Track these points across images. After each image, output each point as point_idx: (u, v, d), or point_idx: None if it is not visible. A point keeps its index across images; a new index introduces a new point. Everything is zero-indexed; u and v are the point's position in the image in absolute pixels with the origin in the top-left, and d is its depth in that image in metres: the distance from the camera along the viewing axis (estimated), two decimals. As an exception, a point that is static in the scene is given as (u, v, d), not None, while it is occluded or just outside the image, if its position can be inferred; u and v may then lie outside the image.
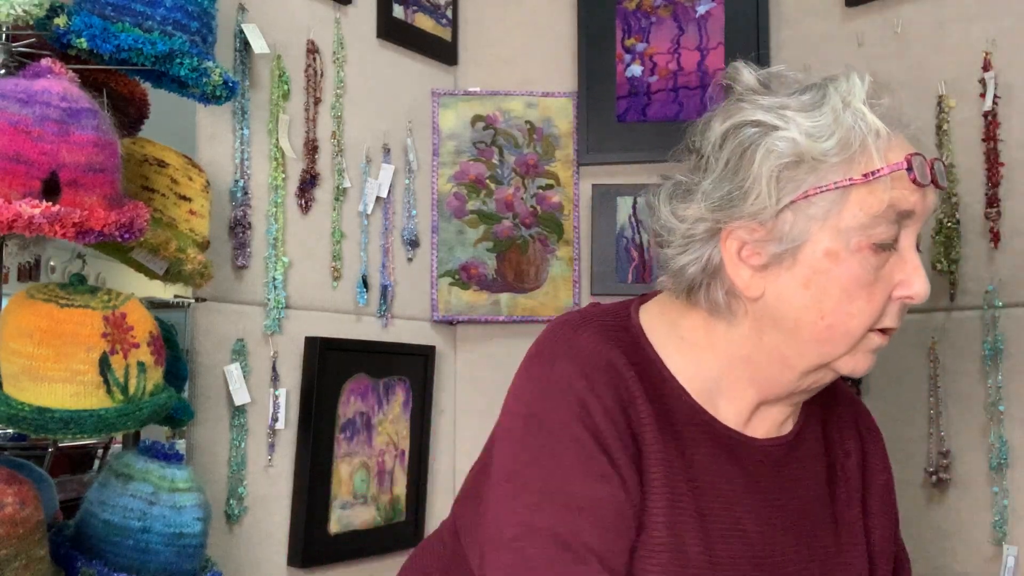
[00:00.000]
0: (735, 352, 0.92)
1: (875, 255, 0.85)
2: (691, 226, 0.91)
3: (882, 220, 0.84)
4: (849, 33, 1.82)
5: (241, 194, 1.55)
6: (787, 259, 0.87)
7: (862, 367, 0.89)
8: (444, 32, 2.00)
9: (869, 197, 0.84)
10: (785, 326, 0.88)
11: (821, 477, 0.98)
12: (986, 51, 1.62)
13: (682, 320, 0.95)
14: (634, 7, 2.00)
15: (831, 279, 0.85)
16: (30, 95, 0.99)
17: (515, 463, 0.88)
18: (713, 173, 0.90)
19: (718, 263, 0.90)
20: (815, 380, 0.92)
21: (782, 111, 0.87)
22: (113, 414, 1.08)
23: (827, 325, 0.86)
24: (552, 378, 0.90)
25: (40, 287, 1.10)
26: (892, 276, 0.86)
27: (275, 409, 1.58)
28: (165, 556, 1.16)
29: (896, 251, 0.86)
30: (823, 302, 0.86)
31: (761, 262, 0.88)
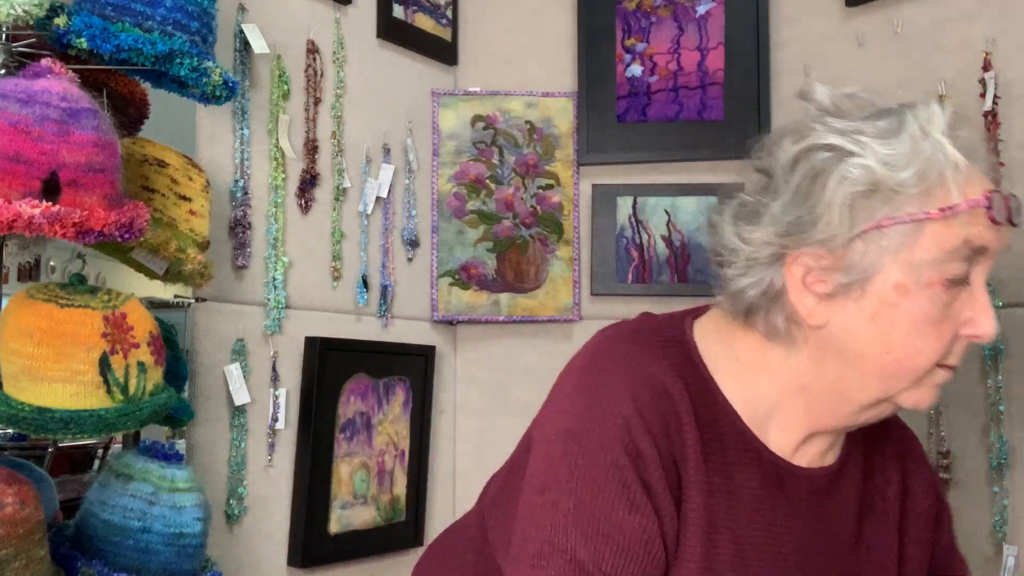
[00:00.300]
0: (793, 380, 0.90)
1: (946, 291, 0.83)
2: (756, 249, 0.87)
3: (956, 256, 0.82)
4: (849, 33, 1.82)
5: (241, 194, 1.55)
6: (855, 290, 0.84)
7: (926, 401, 0.87)
8: (444, 32, 2.00)
9: (944, 232, 0.82)
10: (848, 357, 0.86)
11: (856, 505, 0.96)
12: (986, 51, 1.62)
13: (737, 341, 0.92)
14: (634, 7, 2.00)
15: (900, 313, 0.83)
16: (30, 95, 0.99)
17: (549, 477, 0.86)
18: (783, 196, 0.86)
19: (780, 288, 0.87)
20: (876, 413, 0.89)
21: (857, 136, 0.84)
22: (113, 414, 1.08)
23: (893, 359, 0.84)
24: (599, 395, 0.87)
25: (40, 287, 1.10)
26: (961, 313, 0.84)
27: (275, 409, 1.58)
28: (165, 556, 1.16)
29: (967, 287, 0.84)
30: (890, 336, 0.84)
31: (827, 290, 0.85)
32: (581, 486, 0.83)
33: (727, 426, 0.89)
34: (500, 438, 1.99)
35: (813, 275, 0.85)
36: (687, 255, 1.95)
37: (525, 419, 2.15)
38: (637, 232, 1.96)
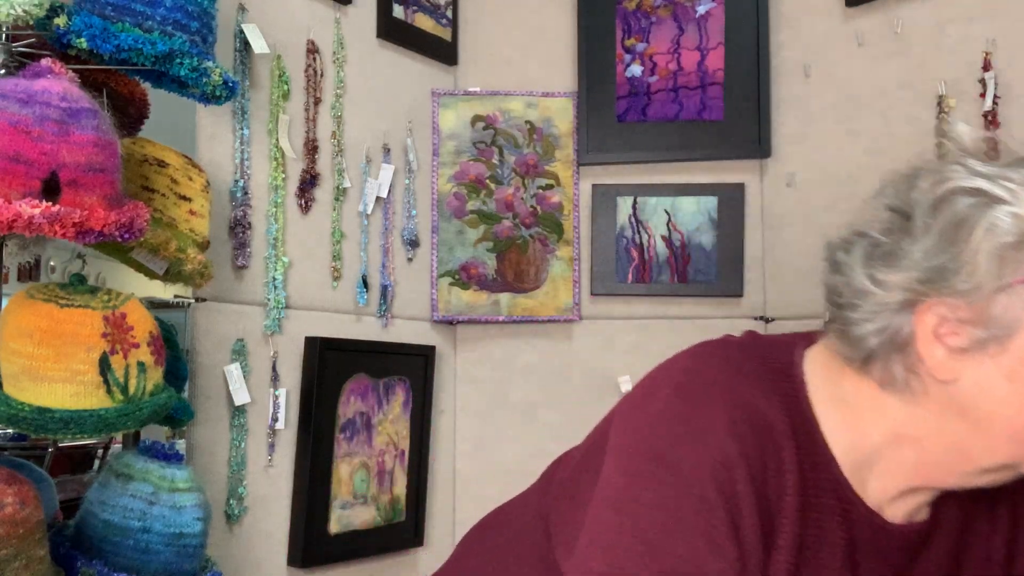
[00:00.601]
0: (906, 432, 0.84)
1: None
2: (889, 294, 0.82)
3: None
4: (849, 33, 1.82)
5: (241, 194, 1.55)
6: (993, 346, 0.78)
7: None
8: (444, 32, 2.00)
9: None
10: (975, 416, 0.80)
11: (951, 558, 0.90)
12: (986, 51, 1.62)
13: (846, 381, 0.86)
14: (634, 7, 2.00)
15: None
16: (30, 95, 0.99)
17: (629, 496, 0.80)
18: (925, 241, 0.80)
19: (908, 337, 0.81)
20: (996, 478, 0.83)
21: (1005, 182, 0.78)
22: (113, 414, 1.08)
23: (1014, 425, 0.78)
24: (698, 425, 0.81)
25: (40, 287, 1.10)
26: None
27: (275, 409, 1.58)
28: (165, 556, 1.16)
29: None
30: None
31: (961, 344, 0.79)
32: (663, 515, 0.77)
33: (824, 472, 0.83)
34: (500, 438, 2.00)
35: (948, 327, 0.79)
36: (687, 255, 1.95)
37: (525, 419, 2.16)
38: (637, 232, 1.97)
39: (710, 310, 1.94)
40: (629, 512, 0.79)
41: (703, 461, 0.78)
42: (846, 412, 0.85)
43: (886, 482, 0.85)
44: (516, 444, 1.95)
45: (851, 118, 1.81)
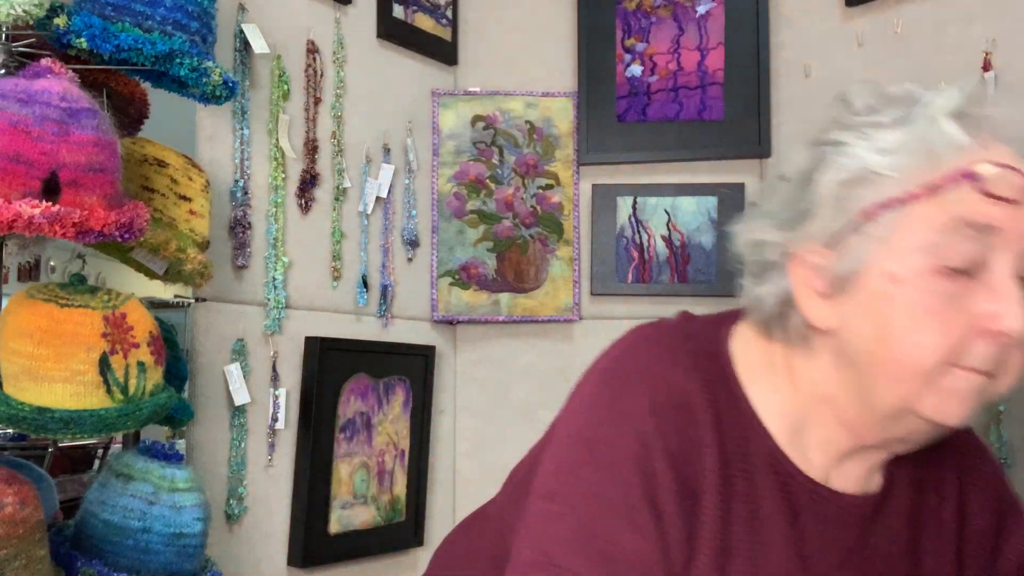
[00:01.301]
0: (819, 391, 0.83)
1: (948, 279, 0.74)
2: (759, 249, 0.84)
3: (954, 238, 0.74)
4: (849, 33, 1.82)
5: (241, 194, 1.55)
6: (851, 285, 0.78)
7: (949, 411, 0.76)
8: (444, 32, 2.00)
9: (936, 212, 0.75)
10: (859, 361, 0.79)
11: (908, 531, 0.88)
12: (986, 51, 1.62)
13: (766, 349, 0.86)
14: (634, 7, 2.00)
15: (894, 306, 0.76)
16: (30, 95, 0.99)
17: (557, 484, 0.82)
18: (784, 193, 0.83)
19: (791, 292, 0.82)
20: (907, 429, 0.80)
21: (866, 129, 0.79)
22: (113, 414, 1.08)
23: (892, 358, 0.76)
24: (618, 407, 0.82)
25: (40, 287, 1.10)
26: (977, 306, 0.74)
27: (275, 409, 1.58)
28: (165, 556, 1.16)
29: (985, 277, 0.75)
30: (887, 331, 0.76)
31: (824, 288, 0.80)
32: (587, 501, 0.79)
33: (757, 447, 0.83)
34: (500, 438, 2.00)
35: (814, 275, 0.80)
36: (687, 255, 1.95)
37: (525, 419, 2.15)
38: (637, 232, 1.97)
39: (710, 310, 1.93)
40: (558, 499, 0.80)
41: (622, 442, 0.79)
42: (774, 380, 0.85)
43: (823, 448, 0.84)
44: (516, 444, 1.93)
45: (851, 118, 1.81)
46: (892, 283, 0.76)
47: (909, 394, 0.77)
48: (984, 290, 0.75)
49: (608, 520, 0.78)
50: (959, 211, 0.74)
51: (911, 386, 0.76)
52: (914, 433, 0.81)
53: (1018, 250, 0.75)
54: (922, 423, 0.78)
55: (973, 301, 0.74)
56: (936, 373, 0.75)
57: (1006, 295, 0.74)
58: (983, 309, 0.74)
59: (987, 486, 0.92)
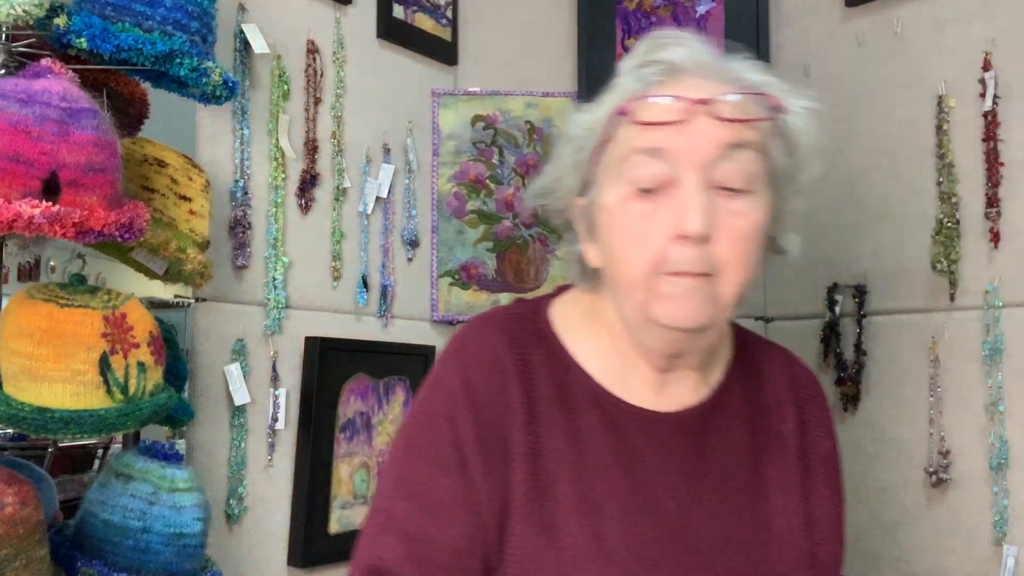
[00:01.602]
0: (615, 328, 0.94)
1: (642, 200, 0.86)
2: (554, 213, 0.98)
3: (635, 165, 0.87)
4: (849, 33, 1.82)
5: (241, 194, 1.55)
6: (594, 224, 0.92)
7: (676, 314, 0.86)
8: (444, 32, 2.00)
9: (619, 148, 0.89)
10: (612, 288, 0.92)
11: (748, 445, 0.96)
12: (986, 51, 1.62)
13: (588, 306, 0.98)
14: (634, 7, 2.00)
15: (610, 232, 0.89)
16: (30, 95, 0.99)
17: (393, 447, 0.96)
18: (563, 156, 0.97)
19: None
20: (663, 339, 0.90)
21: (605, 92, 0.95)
22: (113, 414, 1.08)
23: (618, 276, 0.89)
24: (437, 376, 0.95)
25: (40, 287, 1.10)
26: (667, 217, 0.85)
27: (275, 409, 1.58)
28: (165, 556, 1.16)
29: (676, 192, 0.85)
30: (611, 254, 0.89)
31: (586, 231, 0.93)
32: (406, 455, 0.92)
33: (579, 387, 0.93)
34: (500, 438, 2.00)
35: (581, 221, 0.94)
36: (687, 255, 1.95)
37: (525, 419, 2.12)
38: (637, 232, 1.96)
39: (710, 310, 1.94)
40: (392, 459, 0.94)
41: (435, 402, 0.93)
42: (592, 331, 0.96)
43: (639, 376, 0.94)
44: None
45: (851, 118, 1.81)
46: (606, 213, 0.89)
47: (641, 305, 0.88)
48: (674, 203, 0.85)
49: (421, 466, 0.90)
50: (631, 143, 0.87)
51: (637, 297, 0.87)
52: (672, 343, 0.90)
53: (699, 163, 0.85)
54: (668, 331, 0.88)
55: (665, 214, 0.85)
56: (651, 283, 0.86)
57: (687, 202, 0.84)
58: (669, 218, 0.85)
59: (823, 414, 1.01)
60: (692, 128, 0.85)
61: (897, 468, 1.70)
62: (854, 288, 1.77)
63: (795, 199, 0.96)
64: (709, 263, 0.84)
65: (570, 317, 0.98)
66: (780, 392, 0.99)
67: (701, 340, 0.91)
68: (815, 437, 0.99)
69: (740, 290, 0.87)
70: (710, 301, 0.86)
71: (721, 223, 0.84)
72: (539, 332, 0.96)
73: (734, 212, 0.85)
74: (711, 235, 0.84)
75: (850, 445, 1.77)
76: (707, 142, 0.85)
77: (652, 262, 0.85)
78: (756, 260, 0.88)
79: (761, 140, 0.88)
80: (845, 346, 1.78)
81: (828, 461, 1.00)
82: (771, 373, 1.01)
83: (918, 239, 1.69)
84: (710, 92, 0.85)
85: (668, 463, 0.91)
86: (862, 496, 1.75)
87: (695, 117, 0.85)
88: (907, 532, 1.69)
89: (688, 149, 0.85)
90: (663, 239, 0.85)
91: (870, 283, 1.76)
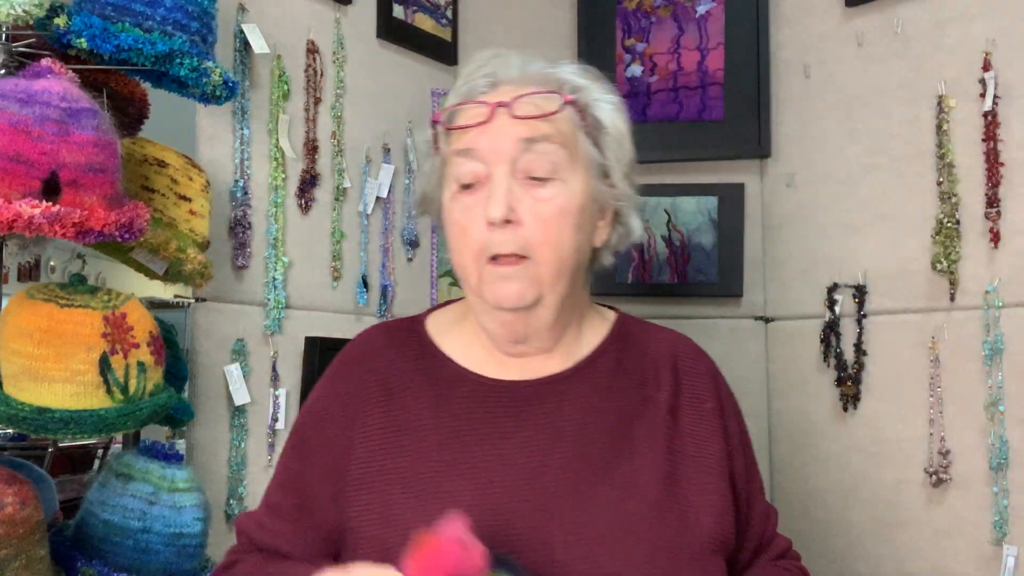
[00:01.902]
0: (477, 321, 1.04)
1: (465, 195, 0.97)
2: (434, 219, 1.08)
3: (455, 165, 0.98)
4: (849, 33, 1.82)
5: (241, 194, 1.55)
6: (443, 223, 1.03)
7: (500, 294, 0.96)
8: (444, 32, 2.00)
9: (445, 152, 1.01)
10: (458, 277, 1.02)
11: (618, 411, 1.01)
12: (986, 51, 1.62)
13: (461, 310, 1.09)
14: (634, 7, 2.00)
15: (447, 227, 1.01)
16: (30, 95, 0.99)
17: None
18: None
19: None
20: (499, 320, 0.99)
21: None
22: (113, 414, 1.08)
23: (455, 265, 1.00)
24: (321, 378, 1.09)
25: (40, 287, 1.10)
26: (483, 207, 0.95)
27: (275, 409, 1.58)
28: (165, 556, 1.16)
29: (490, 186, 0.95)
30: (449, 246, 1.01)
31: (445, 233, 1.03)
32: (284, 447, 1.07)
33: (443, 371, 1.03)
34: (500, 438, 2.00)
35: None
36: (687, 255, 1.95)
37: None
38: (637, 232, 1.97)
39: (710, 310, 1.94)
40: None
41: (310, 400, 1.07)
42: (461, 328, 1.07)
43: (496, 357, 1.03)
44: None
45: (851, 118, 1.81)
46: (444, 211, 1.01)
47: (475, 290, 0.98)
48: (487, 195, 0.95)
49: (287, 455, 1.05)
50: (451, 146, 0.99)
51: (471, 283, 0.98)
52: (506, 323, 0.99)
53: (504, 158, 0.95)
54: (499, 312, 0.98)
55: (481, 206, 0.95)
56: (479, 269, 0.96)
57: (493, 193, 0.94)
58: (483, 209, 0.95)
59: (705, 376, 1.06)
60: (494, 128, 0.96)
61: (897, 468, 1.70)
62: (854, 288, 1.77)
63: (623, 184, 1.04)
64: (521, 245, 0.94)
65: (442, 320, 1.10)
66: (659, 365, 1.05)
67: (535, 320, 0.99)
68: (698, 400, 1.04)
69: (558, 269, 0.96)
70: (530, 281, 0.95)
71: (529, 209, 0.94)
72: (412, 332, 1.09)
73: (540, 198, 0.95)
74: (519, 220, 0.94)
75: (850, 445, 1.77)
76: (507, 139, 0.95)
77: (475, 250, 0.96)
78: (571, 240, 0.97)
79: (566, 132, 0.97)
80: (845, 346, 1.78)
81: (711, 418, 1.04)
82: (653, 350, 1.07)
83: (918, 239, 1.70)
84: (512, 96, 0.96)
85: (524, 425, 0.98)
86: (862, 496, 1.75)
87: (497, 118, 0.96)
88: (907, 532, 1.69)
89: (492, 147, 0.96)
90: (482, 228, 0.95)
91: (870, 283, 1.76)
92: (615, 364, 1.04)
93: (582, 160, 0.99)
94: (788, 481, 1.86)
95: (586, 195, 0.98)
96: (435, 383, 1.02)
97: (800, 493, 1.83)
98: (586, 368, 1.03)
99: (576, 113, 0.99)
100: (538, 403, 1.00)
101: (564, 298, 0.99)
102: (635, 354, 1.06)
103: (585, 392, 1.01)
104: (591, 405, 1.00)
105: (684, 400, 1.03)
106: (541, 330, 1.00)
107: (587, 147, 1.00)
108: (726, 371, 1.11)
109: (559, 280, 0.97)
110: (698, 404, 1.03)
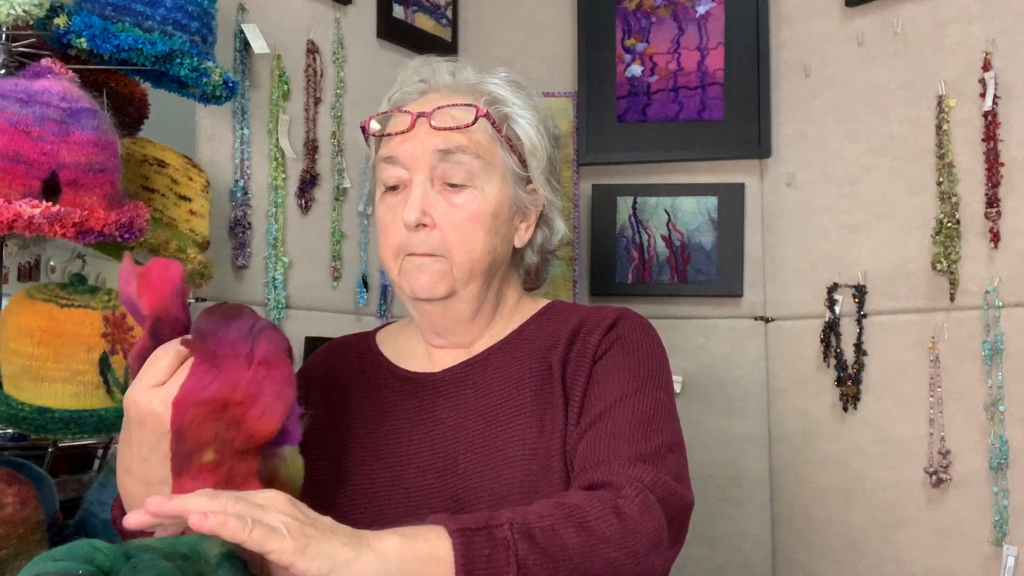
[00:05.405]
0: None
1: (391, 196, 1.06)
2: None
3: (381, 170, 1.07)
4: (849, 33, 1.82)
5: (241, 194, 1.55)
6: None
7: (417, 286, 1.04)
8: (444, 32, 2.00)
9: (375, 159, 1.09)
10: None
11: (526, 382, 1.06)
12: (986, 51, 1.63)
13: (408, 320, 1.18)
14: (634, 7, 2.00)
15: (377, 225, 1.09)
16: (30, 95, 0.99)
17: None
18: None
19: None
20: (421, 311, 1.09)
21: None
22: (113, 414, 1.08)
23: (381, 259, 1.09)
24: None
25: (40, 287, 1.10)
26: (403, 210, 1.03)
27: (275, 409, 1.58)
28: (165, 556, 1.16)
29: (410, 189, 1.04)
30: (378, 241, 1.09)
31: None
32: None
33: (379, 369, 1.13)
34: (500, 438, 2.00)
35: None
36: (687, 255, 1.95)
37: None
38: (637, 232, 1.97)
39: (710, 310, 1.94)
40: None
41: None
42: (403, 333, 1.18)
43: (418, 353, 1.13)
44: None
45: (851, 118, 1.81)
46: (375, 207, 1.09)
47: (396, 282, 1.07)
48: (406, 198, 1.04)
49: None
50: (379, 152, 1.08)
51: (393, 275, 1.07)
52: (426, 314, 1.09)
53: (422, 165, 1.03)
54: (417, 302, 1.07)
55: (401, 208, 1.04)
56: (397, 262, 1.05)
57: (409, 199, 1.03)
58: (402, 210, 1.03)
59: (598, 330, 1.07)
60: (415, 137, 1.04)
61: (897, 468, 1.71)
62: (854, 288, 1.77)
63: (544, 190, 1.13)
64: (435, 247, 1.03)
65: (392, 329, 1.21)
66: (563, 330, 1.09)
67: (453, 312, 1.08)
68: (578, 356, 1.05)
69: (470, 268, 1.04)
70: (441, 275, 1.04)
71: (444, 213, 1.03)
72: (362, 339, 1.20)
73: (454, 204, 1.03)
74: (434, 223, 1.03)
75: (850, 445, 1.77)
76: (424, 148, 1.03)
77: (395, 247, 1.05)
78: (484, 242, 1.04)
79: (482, 143, 1.04)
80: (845, 346, 1.78)
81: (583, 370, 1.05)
82: (569, 322, 1.10)
83: (918, 239, 1.70)
84: (433, 107, 1.03)
85: (439, 405, 1.07)
86: (862, 496, 1.75)
87: (418, 127, 1.04)
88: (907, 532, 1.69)
89: (412, 154, 1.04)
90: (401, 228, 1.04)
91: (870, 283, 1.76)
92: (526, 342, 1.10)
93: (499, 168, 1.06)
94: (788, 481, 1.86)
95: (501, 201, 1.06)
96: (368, 379, 1.13)
97: (800, 493, 1.83)
98: (499, 349, 1.10)
99: (491, 126, 1.06)
100: (448, 390, 1.08)
101: (481, 293, 1.07)
102: (549, 330, 1.10)
103: (496, 371, 1.08)
104: (496, 383, 1.07)
105: (573, 355, 1.06)
106: (460, 323, 1.09)
107: (504, 156, 1.07)
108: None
109: (472, 278, 1.05)
110: (583, 355, 1.05)
